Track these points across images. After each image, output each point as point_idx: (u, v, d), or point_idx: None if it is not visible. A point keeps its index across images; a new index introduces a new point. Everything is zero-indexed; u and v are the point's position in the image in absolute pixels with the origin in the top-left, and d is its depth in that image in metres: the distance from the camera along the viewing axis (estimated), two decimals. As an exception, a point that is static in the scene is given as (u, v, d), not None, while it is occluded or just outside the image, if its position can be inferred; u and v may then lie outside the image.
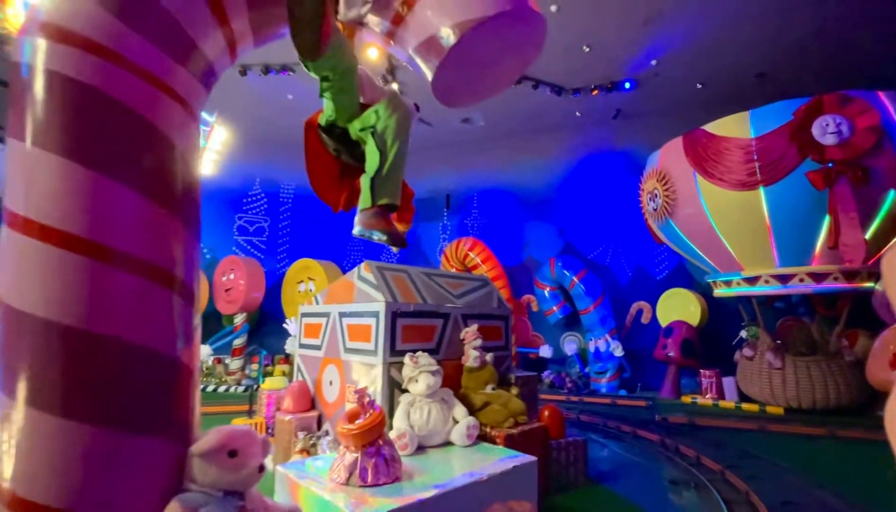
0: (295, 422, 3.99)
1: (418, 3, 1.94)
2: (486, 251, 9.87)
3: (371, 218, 1.92)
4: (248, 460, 1.65)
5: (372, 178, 1.87)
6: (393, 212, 1.99)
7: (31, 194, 1.62)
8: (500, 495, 2.87)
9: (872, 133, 5.67)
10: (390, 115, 1.88)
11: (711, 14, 6.70)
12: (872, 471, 4.31)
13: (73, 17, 1.66)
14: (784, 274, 6.79)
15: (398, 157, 1.87)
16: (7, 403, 1.52)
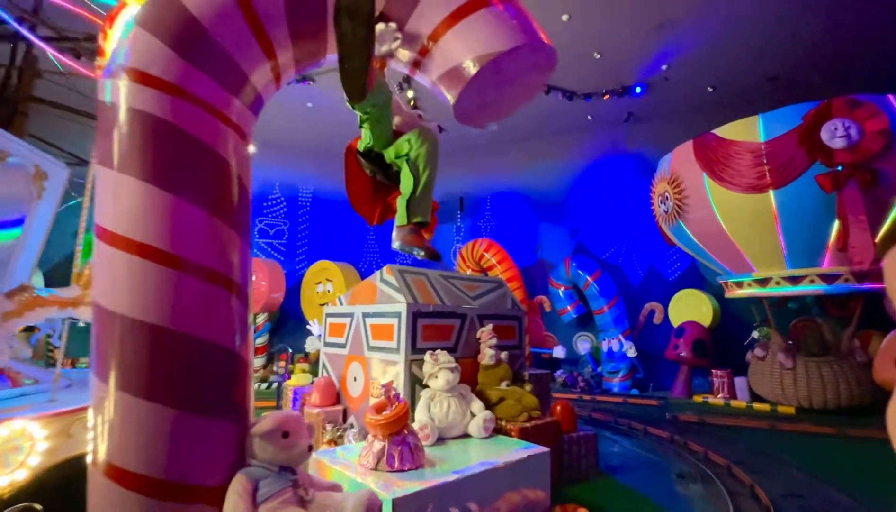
0: (323, 415, 4.27)
1: (443, 38, 2.19)
2: (502, 252, 10.09)
3: (408, 234, 2.18)
4: (298, 440, 1.92)
5: (407, 199, 2.14)
6: (425, 227, 2.25)
7: (117, 212, 1.92)
8: (515, 482, 3.10)
9: (881, 137, 5.75)
10: (421, 145, 2.14)
11: (722, 18, 6.82)
12: (879, 468, 4.43)
13: (151, 61, 1.95)
14: (795, 276, 6.88)
15: (429, 181, 2.13)
16: (101, 388, 1.81)
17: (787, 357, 7.09)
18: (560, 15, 6.61)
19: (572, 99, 8.84)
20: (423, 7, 2.17)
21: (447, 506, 2.69)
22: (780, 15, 6.62)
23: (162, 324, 1.84)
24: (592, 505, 3.30)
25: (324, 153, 10.76)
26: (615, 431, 5.95)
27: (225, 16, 2.04)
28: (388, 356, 4.02)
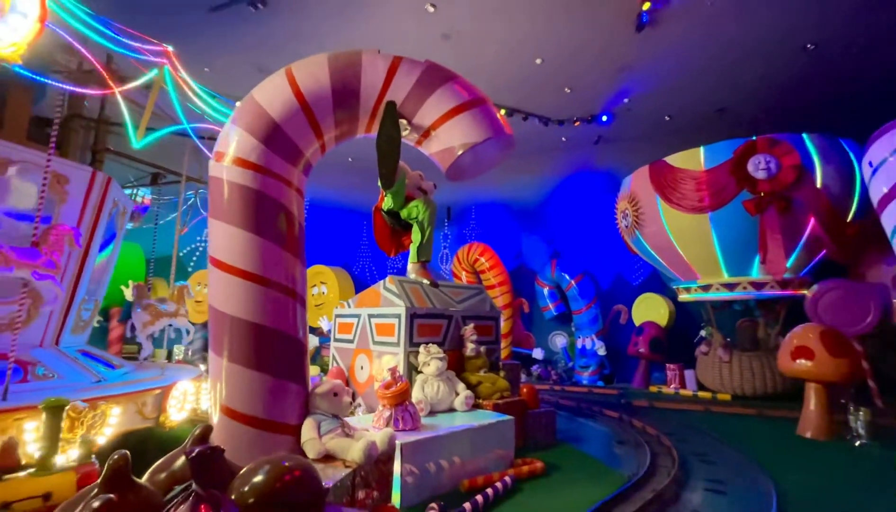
0: (336, 396, 5.27)
1: (438, 129, 3.24)
2: (495, 258, 11.24)
3: (419, 269, 3.28)
4: (343, 398, 2.96)
5: (417, 247, 3.21)
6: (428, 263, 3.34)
7: (225, 249, 2.93)
8: (488, 441, 4.17)
9: (795, 170, 7.00)
10: (425, 211, 3.21)
11: (675, 63, 7.99)
12: (775, 438, 5.63)
13: (244, 151, 2.97)
14: (731, 283, 8.11)
15: (431, 234, 3.20)
16: (218, 361, 2.83)
17: (725, 352, 8.34)
18: (534, 59, 7.72)
19: (548, 124, 9.96)
20: (425, 109, 3.23)
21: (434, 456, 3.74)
22: (727, 58, 7.77)
23: (256, 321, 2.85)
24: (547, 461, 4.38)
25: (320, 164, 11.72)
26: (577, 413, 7.08)
27: (293, 116, 3.07)
28: (390, 349, 5.05)
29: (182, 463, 2.02)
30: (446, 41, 7.37)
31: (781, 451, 5.06)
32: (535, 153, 11.40)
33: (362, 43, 7.44)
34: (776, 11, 6.58)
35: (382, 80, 3.18)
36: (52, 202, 3.89)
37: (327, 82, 3.10)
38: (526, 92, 8.88)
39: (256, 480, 1.93)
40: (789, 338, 6.07)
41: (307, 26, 7.06)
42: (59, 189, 3.95)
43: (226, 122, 3.19)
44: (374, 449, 2.67)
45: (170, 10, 6.76)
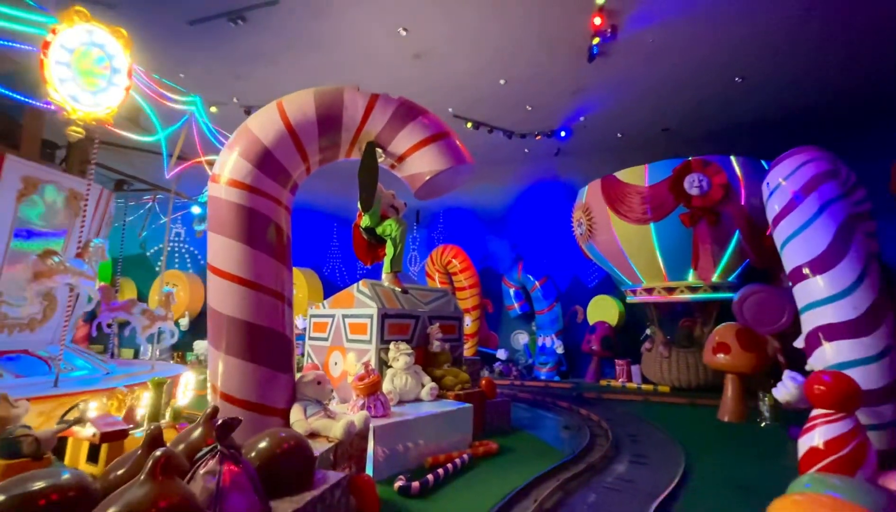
0: (311, 389, 5.73)
1: (409, 157, 3.80)
2: (467, 260, 11.87)
3: (392, 279, 3.84)
4: (326, 386, 3.47)
5: (391, 260, 3.76)
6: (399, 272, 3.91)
7: (223, 258, 3.38)
8: (449, 425, 4.76)
9: (723, 188, 7.97)
10: (397, 228, 3.77)
11: (625, 87, 8.82)
12: (698, 422, 6.51)
13: (239, 173, 3.43)
14: (671, 287, 9.05)
15: (402, 248, 3.76)
16: (217, 354, 3.29)
17: (665, 349, 9.29)
18: (498, 80, 8.39)
19: (511, 137, 10.68)
20: (398, 140, 3.78)
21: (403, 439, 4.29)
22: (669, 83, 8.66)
23: (250, 320, 3.33)
24: (501, 443, 5.01)
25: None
26: (532, 404, 7.79)
27: (283, 144, 3.56)
28: (363, 346, 5.56)
29: (198, 435, 2.49)
30: (417, 60, 7.92)
31: (700, 432, 5.91)
32: (499, 163, 12.11)
33: (337, 58, 7.91)
34: (708, 49, 7.49)
35: (361, 114, 3.71)
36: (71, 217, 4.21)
37: (313, 115, 3.61)
38: (491, 107, 9.54)
39: (262, 446, 2.45)
40: (712, 335, 6.99)
41: (285, 41, 7.44)
42: (76, 205, 4.26)
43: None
44: (352, 427, 3.20)
45: (147, 18, 6.97)
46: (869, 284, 4.27)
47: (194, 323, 12.44)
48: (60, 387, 3.79)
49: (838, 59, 7.59)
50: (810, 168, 4.82)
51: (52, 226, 4.08)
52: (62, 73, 3.57)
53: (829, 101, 8.68)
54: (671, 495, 3.57)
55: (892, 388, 4.00)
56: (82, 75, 3.64)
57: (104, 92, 3.80)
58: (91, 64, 3.65)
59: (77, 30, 3.68)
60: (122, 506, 1.64)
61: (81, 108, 3.68)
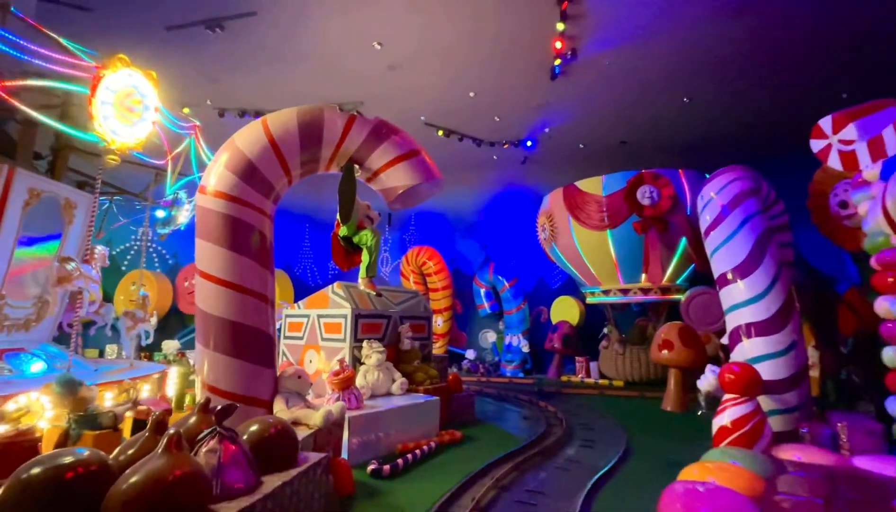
0: (287, 386, 6.03)
1: (383, 173, 4.20)
2: (441, 262, 12.30)
3: (367, 283, 4.24)
4: (305, 380, 3.83)
5: (366, 266, 4.15)
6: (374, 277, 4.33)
7: (208, 261, 3.69)
8: (419, 416, 5.19)
9: (671, 199, 8.72)
10: (373, 238, 4.17)
11: (585, 102, 9.46)
12: (644, 411, 7.17)
13: (226, 185, 3.75)
14: (625, 288, 9.78)
15: (376, 256, 4.15)
16: (205, 351, 3.59)
17: (620, 346, 10.02)
18: (468, 92, 8.86)
19: (480, 145, 11.18)
20: (374, 157, 4.17)
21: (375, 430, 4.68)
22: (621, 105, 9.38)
23: (236, 320, 3.65)
24: (465, 432, 5.47)
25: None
26: (496, 398, 8.31)
27: (266, 156, 3.89)
28: (337, 344, 5.91)
29: (193, 421, 2.81)
30: (391, 71, 8.28)
31: (645, 420, 6.56)
32: (469, 169, 12.62)
33: (314, 68, 8.19)
34: (658, 73, 8.20)
35: (340, 133, 4.08)
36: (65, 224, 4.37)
37: (296, 133, 3.95)
38: (461, 117, 10.01)
39: (253, 429, 2.81)
40: (658, 334, 7.70)
41: (262, 50, 7.66)
42: (70, 213, 4.45)
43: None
44: (330, 415, 3.58)
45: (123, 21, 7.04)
46: (780, 287, 4.97)
47: (162, 323, 12.32)
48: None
49: (769, 86, 8.48)
50: (737, 185, 5.52)
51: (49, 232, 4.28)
52: (106, 111, 4.22)
53: (761, 121, 9.61)
54: (609, 472, 4.12)
55: (796, 377, 4.71)
56: (121, 112, 4.26)
57: (137, 126, 4.48)
58: (129, 102, 4.28)
59: (120, 74, 4.40)
60: (145, 473, 1.99)
61: (119, 139, 4.32)
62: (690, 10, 6.61)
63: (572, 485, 3.84)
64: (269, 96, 9.14)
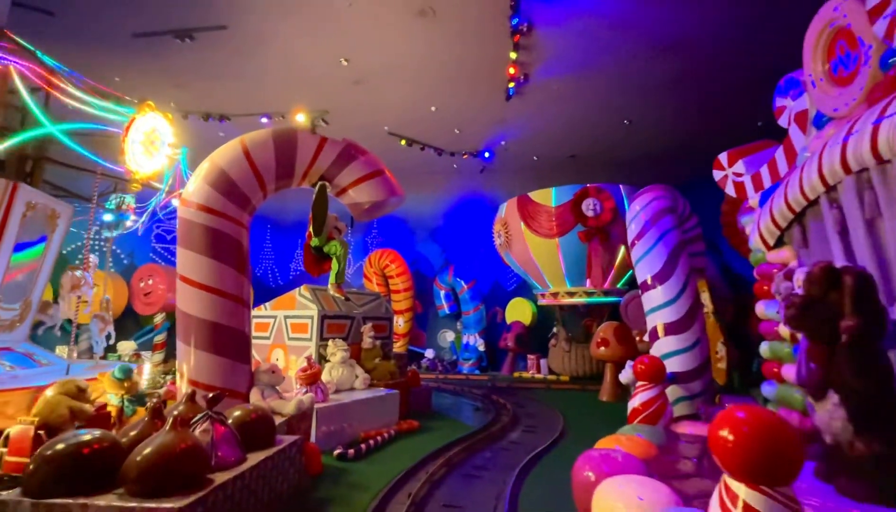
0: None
1: (351, 189, 4.72)
2: (403, 265, 12.78)
3: (336, 289, 4.70)
4: (278, 374, 4.28)
5: (336, 274, 4.64)
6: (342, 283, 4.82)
7: (190, 268, 4.08)
8: (380, 408, 5.71)
9: (612, 212, 9.68)
10: (341, 249, 4.67)
11: (537, 120, 10.28)
12: (583, 402, 8.02)
13: (208, 200, 4.15)
14: (571, 291, 10.68)
15: (344, 266, 4.64)
16: (186, 348, 3.99)
17: (567, 344, 10.92)
18: (430, 107, 9.46)
19: (441, 155, 11.81)
20: (342, 175, 4.68)
21: (340, 420, 5.18)
22: (570, 123, 10.25)
23: (216, 320, 4.06)
24: (422, 422, 6.05)
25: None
26: (453, 393, 8.94)
27: (245, 174, 4.32)
28: (303, 344, 6.33)
29: (182, 408, 3.22)
30: (357, 85, 8.75)
31: (582, 409, 7.39)
32: (430, 176, 13.22)
33: (282, 80, 8.50)
34: (602, 97, 9.11)
35: (312, 153, 4.57)
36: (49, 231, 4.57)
37: (272, 154, 4.40)
38: (423, 129, 10.59)
39: (237, 414, 3.27)
40: (596, 332, 8.59)
41: (231, 62, 7.91)
42: (55, 222, 4.68)
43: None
44: (302, 404, 4.06)
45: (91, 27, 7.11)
46: (689, 293, 5.88)
47: (118, 323, 12.11)
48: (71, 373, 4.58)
49: (697, 112, 9.59)
50: (657, 203, 6.41)
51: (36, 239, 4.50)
52: (136, 148, 5.24)
53: (691, 142, 10.77)
54: (544, 450, 4.83)
55: (699, 369, 5.61)
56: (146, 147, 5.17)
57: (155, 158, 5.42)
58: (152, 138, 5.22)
59: (147, 117, 5.52)
60: (157, 446, 2.44)
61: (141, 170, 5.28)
62: (625, 47, 7.50)
63: (512, 461, 4.50)
64: (235, 103, 9.37)
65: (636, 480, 2.81)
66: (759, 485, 1.66)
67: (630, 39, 7.36)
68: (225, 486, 2.59)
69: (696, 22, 6.95)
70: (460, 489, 3.80)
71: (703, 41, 7.38)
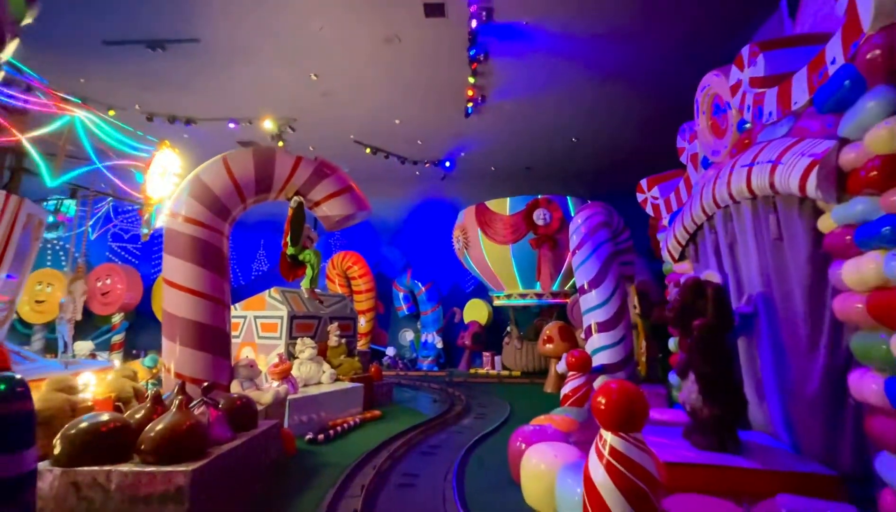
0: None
1: (325, 203, 5.28)
2: (365, 267, 13.25)
3: (310, 292, 5.25)
4: (256, 369, 4.80)
5: (310, 279, 5.20)
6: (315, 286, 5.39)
7: (178, 274, 4.54)
8: (345, 400, 6.30)
9: (560, 221, 10.66)
10: (314, 257, 5.23)
11: (494, 135, 11.10)
12: (530, 393, 8.91)
13: (193, 213, 4.62)
14: (523, 293, 11.60)
15: (318, 272, 5.21)
16: (172, 345, 4.44)
17: (519, 342, 11.83)
18: (394, 119, 10.07)
19: (404, 163, 12.42)
20: (315, 191, 5.24)
21: (310, 411, 5.73)
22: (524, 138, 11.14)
23: (199, 320, 4.53)
24: (384, 412, 6.67)
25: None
26: (412, 388, 9.61)
27: (226, 188, 4.81)
28: (273, 342, 6.81)
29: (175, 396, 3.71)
30: (325, 98, 9.23)
31: (528, 399, 8.24)
32: (393, 182, 13.81)
33: (250, 88, 8.83)
34: (551, 117, 10.05)
35: (289, 171, 5.10)
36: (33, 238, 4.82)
37: (252, 171, 4.91)
38: (388, 138, 11.17)
39: (225, 401, 3.80)
40: (543, 331, 9.51)
41: (201, 73, 8.19)
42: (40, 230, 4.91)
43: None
44: (279, 394, 4.61)
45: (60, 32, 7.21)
46: (618, 296, 6.84)
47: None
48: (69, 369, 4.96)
49: (633, 132, 10.73)
50: (595, 219, 7.35)
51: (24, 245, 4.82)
52: (155, 180, 6.47)
53: (628, 158, 11.94)
54: (491, 432, 5.59)
55: (624, 361, 6.58)
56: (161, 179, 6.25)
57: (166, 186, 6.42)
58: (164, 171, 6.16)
59: (164, 153, 6.86)
60: (167, 423, 2.96)
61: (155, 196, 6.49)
62: (568, 78, 8.44)
63: (463, 441, 5.23)
64: (202, 108, 9.60)
65: (554, 445, 3.60)
66: (619, 432, 2.44)
67: (574, 71, 8.29)
68: (221, 456, 3.15)
69: (630, 59, 7.97)
70: (418, 463, 4.48)
71: (636, 74, 8.43)
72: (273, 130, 10.45)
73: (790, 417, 3.23)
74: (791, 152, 2.80)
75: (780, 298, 3.27)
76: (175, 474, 2.75)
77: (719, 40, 7.23)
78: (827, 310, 2.79)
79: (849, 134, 2.35)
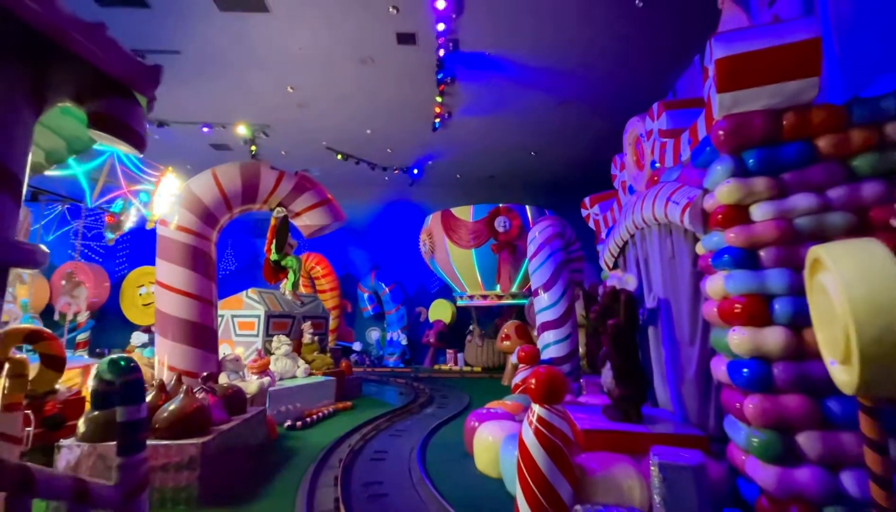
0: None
1: (304, 214, 5.87)
2: (328, 267, 13.67)
3: (293, 294, 5.84)
4: (241, 363, 5.34)
5: (292, 283, 5.77)
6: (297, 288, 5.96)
7: (170, 277, 5.02)
8: (319, 392, 6.88)
9: (518, 229, 11.57)
10: (295, 263, 5.81)
11: (459, 146, 11.89)
12: (488, 386, 9.74)
13: (185, 222, 5.11)
14: (485, 294, 12.45)
15: (299, 276, 5.80)
16: (165, 342, 4.93)
17: (480, 340, 12.68)
18: (366, 130, 10.66)
19: (374, 169, 13.03)
20: (296, 203, 5.82)
21: (287, 402, 6.29)
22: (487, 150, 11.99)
23: (190, 319, 5.03)
24: (354, 403, 7.30)
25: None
26: (380, 383, 10.24)
27: (216, 201, 5.32)
28: (250, 339, 7.29)
29: (174, 386, 4.22)
30: (301, 108, 9.71)
31: (486, 392, 9.05)
32: (363, 185, 14.38)
33: (227, 96, 9.18)
34: (512, 133, 10.93)
35: (273, 184, 5.66)
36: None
37: (239, 184, 5.43)
38: (359, 146, 11.74)
39: (220, 389, 4.36)
40: (501, 330, 10.38)
41: (180, 83, 8.50)
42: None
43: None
44: (263, 385, 5.17)
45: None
46: (566, 299, 7.75)
47: (34, 321, 11.75)
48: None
49: (584, 149, 11.79)
50: (550, 230, 8.22)
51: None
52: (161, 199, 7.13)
53: (581, 172, 13.04)
54: (451, 418, 6.35)
55: (569, 355, 7.49)
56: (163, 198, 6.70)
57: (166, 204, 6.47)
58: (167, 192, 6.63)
59: (169, 177, 7.61)
60: (177, 406, 3.52)
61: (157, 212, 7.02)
62: (526, 100, 9.33)
63: (426, 425, 5.95)
64: (179, 111, 9.83)
65: (501, 423, 4.39)
66: (545, 404, 3.23)
67: (532, 95, 9.19)
68: (222, 433, 3.73)
69: (581, 87, 8.93)
70: (387, 442, 5.17)
71: (585, 100, 9.42)
72: (247, 135, 10.81)
73: (679, 395, 4.16)
74: (678, 193, 3.70)
75: (674, 302, 4.19)
76: (188, 447, 3.33)
77: (654, 77, 8.31)
78: (700, 313, 3.70)
79: (709, 186, 3.25)
